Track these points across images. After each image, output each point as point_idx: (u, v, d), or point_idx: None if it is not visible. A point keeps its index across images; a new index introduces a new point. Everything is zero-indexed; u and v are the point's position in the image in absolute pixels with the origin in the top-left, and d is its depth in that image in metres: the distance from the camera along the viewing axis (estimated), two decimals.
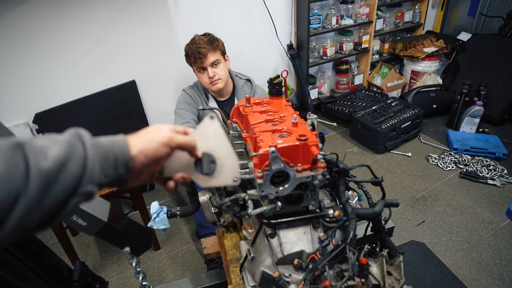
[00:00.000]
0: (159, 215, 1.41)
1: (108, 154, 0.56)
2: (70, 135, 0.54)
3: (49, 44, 2.26)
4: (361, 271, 0.87)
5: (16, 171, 0.44)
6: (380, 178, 1.07)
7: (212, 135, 0.69)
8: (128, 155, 0.59)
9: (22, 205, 0.44)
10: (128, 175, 0.60)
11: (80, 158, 0.51)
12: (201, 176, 0.70)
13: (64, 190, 0.49)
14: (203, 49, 2.02)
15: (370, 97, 3.51)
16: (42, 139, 0.51)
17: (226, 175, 0.71)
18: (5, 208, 0.43)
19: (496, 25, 3.68)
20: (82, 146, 0.53)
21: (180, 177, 0.70)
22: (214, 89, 2.12)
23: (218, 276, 1.55)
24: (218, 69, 2.08)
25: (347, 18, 3.38)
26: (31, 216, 0.45)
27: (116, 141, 0.59)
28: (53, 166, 0.47)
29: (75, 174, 0.50)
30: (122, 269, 2.22)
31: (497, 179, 2.65)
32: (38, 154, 0.47)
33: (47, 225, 0.50)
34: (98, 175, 0.54)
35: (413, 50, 3.69)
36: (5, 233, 0.43)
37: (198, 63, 2.05)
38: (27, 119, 2.35)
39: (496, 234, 2.24)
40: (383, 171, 2.86)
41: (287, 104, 1.18)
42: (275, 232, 0.96)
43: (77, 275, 1.03)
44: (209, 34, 2.12)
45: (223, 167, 0.70)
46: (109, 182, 0.57)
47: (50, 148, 0.49)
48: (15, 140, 0.47)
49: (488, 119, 3.27)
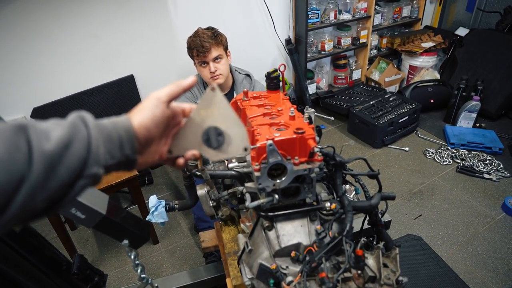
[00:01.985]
0: (157, 208, 1.41)
1: (112, 134, 0.55)
2: (72, 118, 0.53)
3: (47, 38, 2.25)
4: (357, 263, 0.88)
5: (18, 153, 0.44)
6: (377, 171, 1.08)
7: (215, 106, 0.67)
8: (132, 132, 0.58)
9: (26, 187, 0.44)
10: (135, 155, 0.59)
11: (84, 139, 0.51)
12: (211, 151, 0.69)
13: (69, 172, 0.48)
14: (207, 43, 2.00)
15: (368, 92, 3.52)
16: (46, 122, 0.50)
17: (235, 145, 0.69)
18: (9, 190, 0.43)
19: (493, 20, 3.68)
20: (85, 127, 0.52)
21: (191, 155, 0.69)
22: (214, 84, 2.10)
23: (216, 269, 1.57)
24: (220, 64, 2.07)
25: (345, 13, 3.37)
26: (36, 199, 0.45)
27: (119, 120, 0.58)
28: (56, 147, 0.47)
29: (80, 155, 0.49)
30: (121, 263, 2.23)
31: (493, 173, 2.67)
32: (41, 136, 0.47)
33: (54, 209, 0.50)
34: (104, 156, 0.53)
35: (411, 45, 3.70)
36: (11, 215, 0.43)
37: (200, 57, 2.04)
38: (25, 114, 2.35)
39: (491, 227, 2.27)
40: (380, 166, 2.87)
41: (285, 98, 1.18)
42: (272, 224, 0.97)
43: (76, 268, 1.04)
44: (213, 28, 2.10)
45: (231, 138, 0.69)
46: (117, 164, 0.56)
47: (53, 130, 0.49)
48: (18, 122, 0.47)
49: (485, 114, 3.29)
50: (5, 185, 0.42)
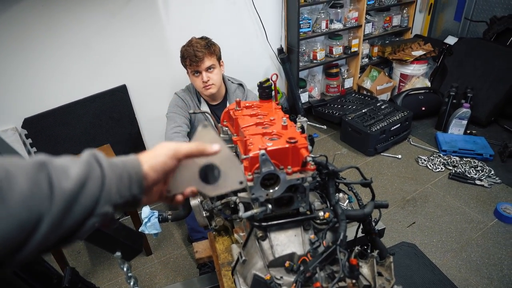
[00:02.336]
0: (150, 219, 1.40)
1: (123, 174, 0.56)
2: (86, 156, 0.54)
3: (38, 48, 2.23)
4: (351, 272, 0.88)
5: (40, 191, 0.44)
6: (369, 180, 1.08)
7: (209, 143, 0.69)
8: (141, 173, 0.59)
9: (45, 226, 0.43)
10: (142, 195, 0.60)
11: (98, 178, 0.51)
12: (208, 186, 0.71)
13: (83, 211, 0.49)
14: (200, 53, 2.00)
15: (360, 100, 3.54)
16: (61, 158, 0.51)
17: (231, 180, 0.72)
18: (29, 228, 0.42)
19: (481, 30, 3.75)
20: (98, 166, 0.53)
21: (189, 192, 0.70)
22: (207, 93, 2.11)
23: (210, 281, 1.55)
24: (213, 74, 2.07)
25: (336, 22, 3.42)
26: (51, 237, 0.45)
27: (129, 160, 0.59)
28: (74, 186, 0.47)
29: (94, 194, 0.50)
30: (113, 275, 2.19)
31: (485, 179, 2.69)
32: (60, 174, 0.47)
33: (62, 246, 0.50)
34: (114, 195, 0.54)
35: (401, 54, 3.75)
36: (27, 253, 0.43)
37: (193, 66, 2.04)
38: (15, 124, 2.32)
39: (484, 234, 2.28)
40: (373, 173, 2.88)
41: (277, 107, 1.19)
42: (266, 234, 0.97)
43: (67, 282, 1.02)
44: (207, 38, 2.11)
45: (227, 173, 0.71)
46: (123, 203, 0.56)
47: (70, 168, 0.49)
48: (38, 159, 0.47)
49: (475, 121, 3.33)
50: (25, 222, 0.42)
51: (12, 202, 0.41)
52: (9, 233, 0.40)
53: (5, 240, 0.40)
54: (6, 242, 0.40)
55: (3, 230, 0.40)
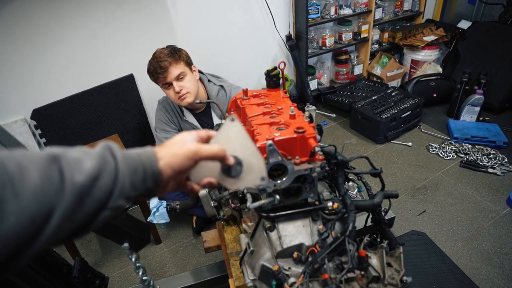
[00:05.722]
0: (158, 209, 1.41)
1: (138, 167, 0.55)
2: (100, 148, 0.54)
3: (45, 39, 2.23)
4: (360, 263, 0.87)
5: (51, 184, 0.44)
6: (379, 169, 1.06)
7: (235, 136, 0.69)
8: (156, 168, 0.58)
9: (56, 218, 0.44)
10: (157, 188, 0.59)
11: (112, 171, 0.51)
12: (229, 179, 0.70)
13: (95, 204, 0.49)
14: (164, 62, 1.86)
15: (370, 87, 3.49)
16: (75, 151, 0.50)
17: (253, 175, 0.71)
18: (40, 221, 0.43)
19: (496, 13, 3.63)
20: (113, 159, 0.53)
21: (207, 182, 0.69)
22: (184, 104, 1.97)
23: (219, 270, 1.56)
24: (185, 82, 1.92)
25: (346, 8, 3.34)
26: (62, 230, 0.45)
27: (145, 153, 0.59)
28: (86, 180, 0.47)
29: (107, 188, 0.50)
30: (124, 263, 2.22)
31: (498, 167, 2.64)
32: (73, 167, 0.47)
33: (75, 238, 0.51)
34: (128, 188, 0.53)
35: (412, 39, 3.66)
36: (39, 246, 0.43)
37: (161, 78, 1.90)
38: (24, 115, 2.34)
39: (497, 222, 2.24)
40: (383, 161, 2.85)
41: (285, 96, 1.16)
42: (274, 225, 0.96)
43: (77, 272, 1.03)
44: (171, 46, 1.98)
45: (250, 168, 0.70)
46: (137, 195, 0.56)
47: (84, 161, 0.49)
48: (51, 151, 0.47)
49: (489, 108, 3.25)
50: (37, 216, 0.42)
51: (24, 195, 0.41)
52: (21, 226, 0.41)
53: (17, 233, 0.41)
54: (18, 235, 0.41)
55: (15, 223, 0.40)
